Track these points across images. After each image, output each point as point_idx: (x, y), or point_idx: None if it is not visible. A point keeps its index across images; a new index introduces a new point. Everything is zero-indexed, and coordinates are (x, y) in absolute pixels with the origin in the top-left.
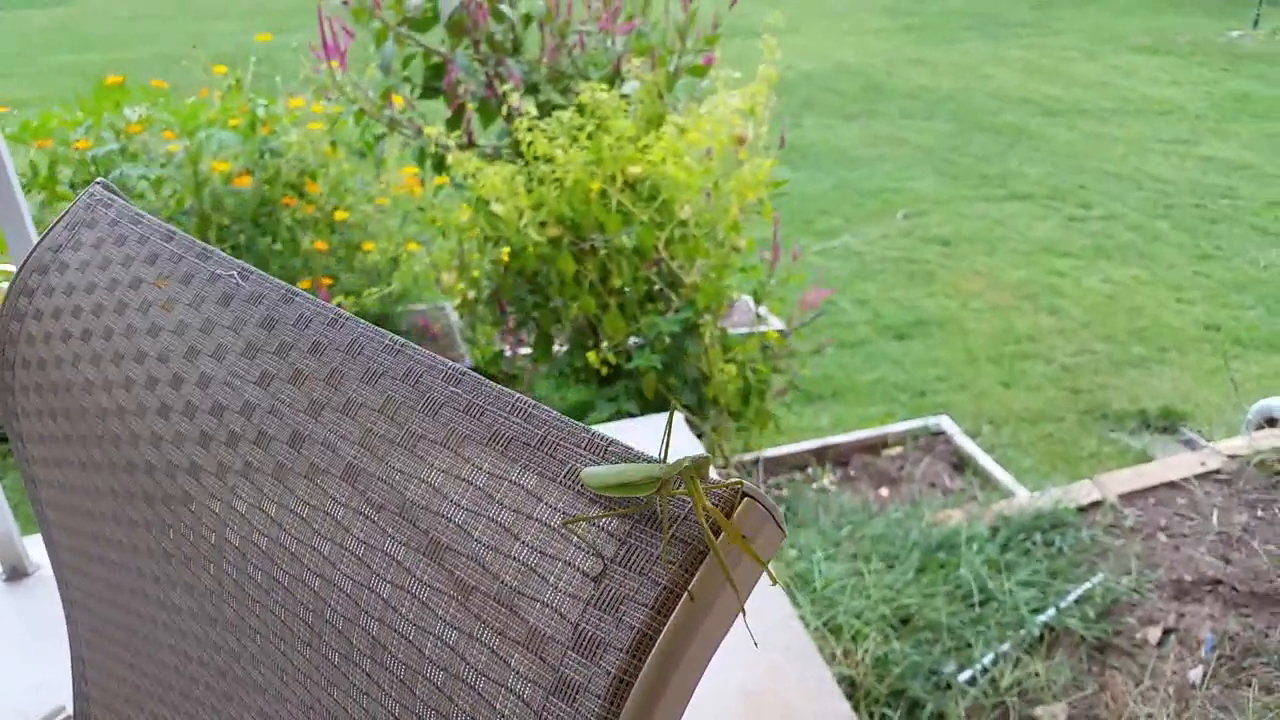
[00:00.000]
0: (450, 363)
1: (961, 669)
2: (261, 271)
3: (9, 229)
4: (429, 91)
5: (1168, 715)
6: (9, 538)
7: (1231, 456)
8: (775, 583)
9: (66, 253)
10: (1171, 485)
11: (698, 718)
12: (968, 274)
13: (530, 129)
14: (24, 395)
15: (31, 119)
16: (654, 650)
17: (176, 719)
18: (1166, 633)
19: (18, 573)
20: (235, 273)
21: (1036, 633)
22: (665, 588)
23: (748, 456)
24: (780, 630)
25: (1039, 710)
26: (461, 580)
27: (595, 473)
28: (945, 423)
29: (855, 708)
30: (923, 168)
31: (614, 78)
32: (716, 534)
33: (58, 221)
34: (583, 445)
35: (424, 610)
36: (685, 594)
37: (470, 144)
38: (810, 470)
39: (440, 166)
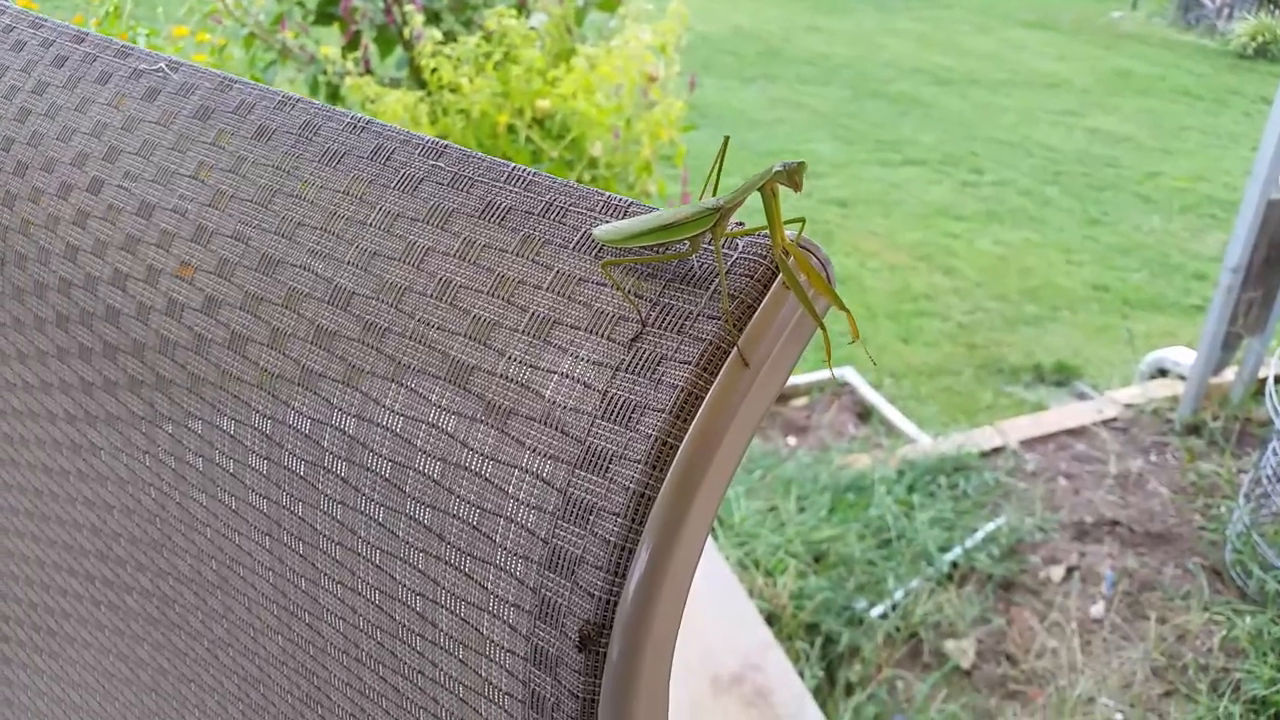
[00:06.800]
0: (430, 137)
1: (873, 605)
2: (195, 63)
3: None
4: (323, 18)
5: (1072, 648)
6: None
7: (1127, 405)
8: (857, 338)
9: None
10: (1070, 432)
11: None
12: (865, 235)
13: (434, 54)
14: None
15: None
16: (700, 410)
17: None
18: (1069, 571)
19: None
20: (162, 65)
21: (945, 570)
22: (711, 343)
23: None
24: (701, 560)
25: (949, 644)
26: (460, 361)
27: (624, 226)
28: (850, 374)
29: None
30: (820, 131)
31: (520, 9)
32: (773, 277)
33: None
34: (597, 208)
35: (414, 398)
36: (735, 350)
37: (367, 72)
38: None
39: (334, 97)
